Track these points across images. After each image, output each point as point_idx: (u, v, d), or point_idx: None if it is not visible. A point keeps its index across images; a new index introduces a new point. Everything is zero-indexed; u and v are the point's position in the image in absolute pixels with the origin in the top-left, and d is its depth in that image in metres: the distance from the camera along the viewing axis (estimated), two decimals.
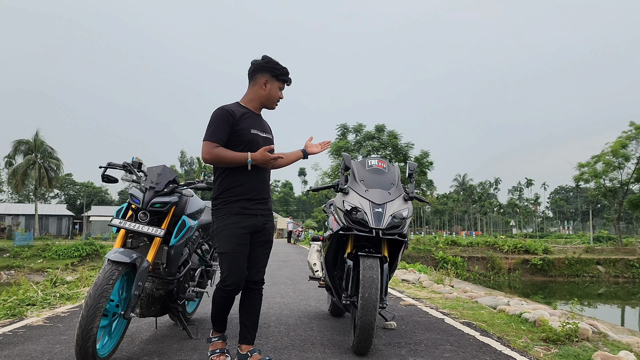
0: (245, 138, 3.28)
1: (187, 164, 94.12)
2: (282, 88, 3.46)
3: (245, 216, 3.25)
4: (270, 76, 3.38)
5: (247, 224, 3.25)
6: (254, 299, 3.39)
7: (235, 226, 3.22)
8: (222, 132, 3.22)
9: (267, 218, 3.42)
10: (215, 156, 3.18)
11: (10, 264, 30.27)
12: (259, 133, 3.37)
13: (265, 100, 3.43)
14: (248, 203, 3.27)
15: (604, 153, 37.12)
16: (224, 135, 3.22)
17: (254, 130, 3.33)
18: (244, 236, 3.24)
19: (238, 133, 3.26)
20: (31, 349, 3.77)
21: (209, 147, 3.19)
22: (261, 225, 3.36)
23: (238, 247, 3.21)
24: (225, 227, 3.23)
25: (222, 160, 3.20)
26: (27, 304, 5.83)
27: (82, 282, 8.28)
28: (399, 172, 4.12)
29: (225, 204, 3.27)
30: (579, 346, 4.10)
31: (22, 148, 47.80)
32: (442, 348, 3.95)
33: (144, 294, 3.63)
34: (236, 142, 3.26)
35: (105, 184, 76.28)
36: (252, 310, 3.39)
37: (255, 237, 3.34)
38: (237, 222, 3.22)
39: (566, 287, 27.20)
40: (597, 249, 36.37)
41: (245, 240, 3.25)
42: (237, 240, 3.21)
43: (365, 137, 33.98)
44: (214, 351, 3.36)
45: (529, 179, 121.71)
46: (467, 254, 32.41)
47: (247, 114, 3.36)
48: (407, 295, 7.31)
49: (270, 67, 3.37)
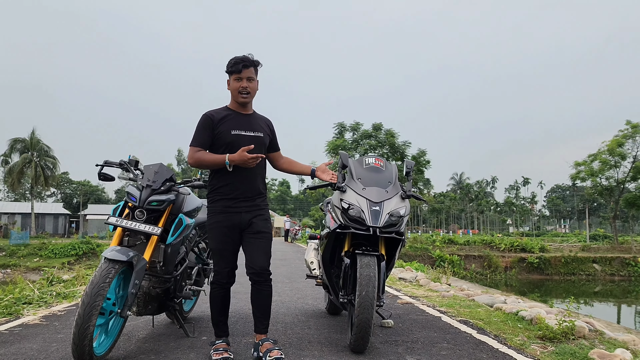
0: (224, 140, 3.44)
1: (184, 163, 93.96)
2: (239, 78, 3.48)
3: (228, 214, 3.43)
4: (228, 74, 3.52)
5: (229, 223, 3.42)
6: (262, 291, 3.49)
7: (219, 225, 3.43)
8: (203, 136, 3.43)
9: (255, 213, 3.49)
10: (196, 160, 3.41)
11: (6, 263, 30.17)
12: (242, 133, 3.48)
13: (233, 97, 3.56)
14: (231, 202, 3.44)
15: (600, 152, 37.25)
16: (205, 139, 3.44)
17: (235, 131, 3.46)
18: (227, 234, 3.43)
19: (218, 136, 3.45)
20: (27, 347, 3.76)
21: (192, 151, 3.43)
22: (247, 221, 3.46)
23: (222, 245, 3.44)
24: (211, 225, 3.47)
25: (202, 164, 3.41)
26: (24, 302, 5.82)
27: (78, 280, 8.27)
28: (396, 170, 4.12)
29: (212, 203, 3.49)
30: (576, 344, 4.11)
31: (18, 146, 47.64)
32: (439, 346, 3.96)
33: (140, 293, 3.62)
34: (217, 144, 3.46)
35: (101, 183, 76.18)
36: (261, 302, 3.50)
37: (246, 232, 3.48)
38: (220, 220, 3.43)
39: (562, 286, 27.30)
40: (594, 248, 36.52)
41: (229, 237, 3.43)
42: (221, 238, 3.44)
43: (362, 135, 34.03)
44: (217, 349, 3.40)
45: (525, 178, 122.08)
46: (464, 253, 32.49)
47: (229, 116, 3.51)
48: (404, 293, 7.32)
49: (226, 67, 3.51)
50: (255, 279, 3.46)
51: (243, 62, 3.45)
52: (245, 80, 3.47)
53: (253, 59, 3.50)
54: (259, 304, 3.50)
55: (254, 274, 3.44)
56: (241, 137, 3.45)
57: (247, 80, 3.48)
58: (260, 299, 3.49)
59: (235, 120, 3.50)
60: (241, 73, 3.46)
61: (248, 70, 3.47)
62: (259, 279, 3.45)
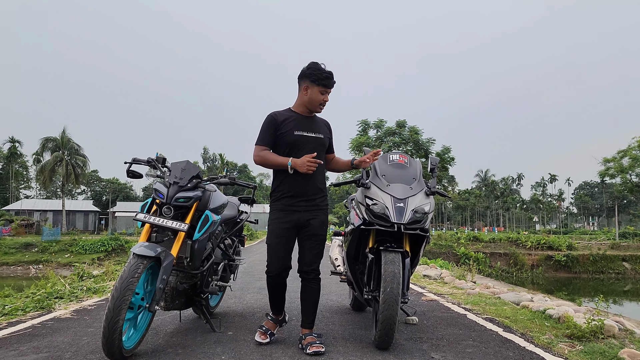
0: (287, 139, 3.60)
1: (210, 160, 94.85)
2: (325, 92, 3.62)
3: (288, 212, 3.60)
4: (310, 82, 3.60)
5: (288, 220, 3.59)
6: (309, 287, 3.71)
7: (278, 221, 3.61)
8: (267, 136, 3.61)
9: (313, 214, 3.68)
10: (261, 158, 3.60)
11: (38, 259, 31.01)
12: (304, 134, 3.64)
13: (308, 105, 3.68)
14: (291, 200, 3.61)
15: (630, 147, 36.29)
16: (269, 139, 3.61)
17: (297, 132, 3.61)
18: (285, 230, 3.60)
19: (282, 135, 3.60)
20: (59, 340, 3.86)
21: (257, 150, 3.60)
22: (305, 220, 3.64)
23: (278, 240, 3.60)
24: (272, 222, 3.65)
25: (266, 163, 3.59)
26: (55, 297, 5.97)
27: (108, 276, 8.44)
28: (420, 167, 4.10)
29: (274, 201, 3.67)
30: (605, 343, 4.03)
31: (49, 145, 48.79)
32: (465, 343, 3.93)
33: (168, 288, 3.69)
34: (280, 143, 3.63)
35: (130, 180, 77.46)
36: (307, 298, 3.71)
37: (302, 232, 3.67)
38: (280, 217, 3.62)
39: (591, 284, 26.74)
40: (623, 246, 35.66)
41: (286, 234, 3.61)
42: (278, 234, 3.62)
43: (386, 132, 33.82)
44: (262, 326, 3.79)
45: (552, 175, 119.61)
46: (489, 250, 32.11)
47: (292, 117, 3.66)
48: (429, 290, 7.28)
49: (309, 73, 3.59)
50: (305, 277, 3.68)
51: (333, 79, 3.59)
52: (327, 95, 3.64)
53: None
54: (306, 300, 3.71)
55: (304, 272, 3.66)
56: (303, 137, 3.62)
57: (328, 95, 3.64)
58: (308, 295, 3.70)
59: (298, 121, 3.65)
60: (328, 88, 3.61)
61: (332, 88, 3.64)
62: (308, 277, 3.68)
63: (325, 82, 3.58)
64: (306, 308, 3.71)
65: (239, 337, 3.97)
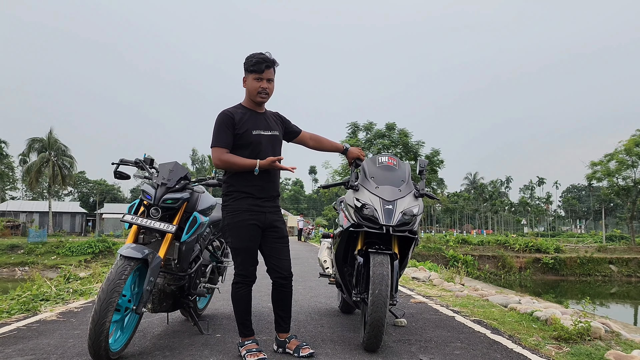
0: (247, 140, 3.43)
1: (199, 162, 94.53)
2: (259, 78, 3.44)
3: (254, 213, 3.42)
4: (245, 72, 3.48)
5: (256, 221, 3.42)
6: (284, 292, 3.59)
7: (245, 223, 3.40)
8: (226, 136, 3.41)
9: (277, 215, 3.57)
10: (225, 162, 3.37)
11: (24, 260, 30.63)
12: (262, 132, 3.50)
13: (250, 96, 3.54)
14: (257, 201, 3.44)
15: (617, 151, 36.76)
16: (229, 139, 3.40)
17: (255, 131, 3.47)
18: (255, 232, 3.43)
19: (240, 136, 3.42)
20: (45, 343, 3.82)
21: (219, 152, 3.38)
22: (270, 222, 3.50)
23: (249, 243, 3.42)
24: (237, 223, 3.40)
25: (232, 167, 3.38)
26: (41, 299, 5.91)
27: (95, 278, 8.37)
28: (409, 169, 4.11)
29: (235, 201, 3.43)
30: (592, 345, 4.07)
31: (36, 146, 48.31)
32: (453, 345, 3.94)
33: (155, 290, 3.66)
34: (240, 144, 3.43)
35: (117, 181, 76.87)
36: (284, 303, 3.58)
37: (269, 234, 3.51)
38: (246, 219, 3.40)
39: (578, 287, 26.98)
40: (610, 248, 36.05)
41: (255, 236, 3.44)
42: (248, 236, 3.41)
43: (375, 135, 33.96)
44: (250, 350, 3.38)
45: (540, 178, 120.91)
46: (477, 253, 32.26)
47: (247, 115, 3.50)
48: (418, 293, 7.30)
49: (244, 63, 3.47)
50: (282, 282, 3.54)
51: (265, 62, 3.41)
52: (266, 82, 3.46)
53: (273, 59, 3.47)
54: (283, 305, 3.59)
55: (281, 278, 3.53)
56: (262, 136, 3.48)
57: (267, 81, 3.47)
58: (286, 299, 3.58)
59: (253, 119, 3.50)
60: (262, 73, 3.44)
61: (269, 71, 3.46)
62: (285, 282, 3.54)
63: (255, 67, 3.39)
64: (284, 313, 3.59)
65: (227, 340, 3.95)
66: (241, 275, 3.45)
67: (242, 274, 3.45)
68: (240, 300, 3.47)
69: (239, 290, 3.46)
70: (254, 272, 3.49)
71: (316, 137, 3.96)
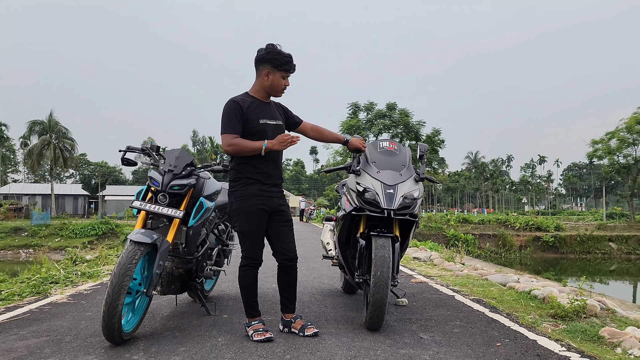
0: (255, 128, 3.51)
1: (200, 144, 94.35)
2: (286, 77, 3.57)
3: (262, 198, 3.53)
4: (272, 67, 3.51)
5: (263, 206, 3.52)
6: (290, 274, 3.71)
7: (253, 208, 3.50)
8: (236, 123, 3.46)
9: (282, 200, 3.69)
10: (235, 146, 3.43)
11: (28, 243, 30.92)
12: (267, 121, 3.58)
13: (269, 90, 3.61)
14: (264, 186, 3.54)
15: (618, 129, 36.67)
16: (239, 126, 3.46)
17: (262, 120, 3.55)
18: (264, 216, 3.54)
19: (248, 124, 3.49)
20: (58, 324, 3.94)
21: (229, 138, 3.43)
22: (276, 206, 3.62)
23: (258, 227, 3.54)
24: (246, 208, 3.50)
25: (242, 151, 3.45)
26: (51, 282, 6.03)
27: (101, 260, 8.51)
28: (410, 154, 4.20)
29: (243, 186, 3.53)
30: (587, 322, 4.19)
31: (36, 129, 48.26)
32: (452, 324, 4.07)
33: (164, 273, 3.78)
34: (247, 132, 3.50)
35: (119, 164, 76.71)
36: (289, 284, 3.72)
37: (275, 218, 3.62)
38: (255, 204, 3.50)
39: (578, 264, 27.21)
40: (610, 226, 36.22)
41: (263, 220, 3.55)
42: (257, 220, 3.52)
43: (376, 115, 33.88)
44: (257, 330, 3.51)
45: (541, 156, 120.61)
46: (478, 232, 32.46)
47: (255, 104, 3.56)
48: (418, 272, 7.43)
49: (270, 57, 3.49)
50: (288, 264, 3.66)
51: (293, 61, 3.53)
52: (288, 80, 3.59)
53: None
54: (289, 286, 3.72)
55: (287, 260, 3.65)
56: (268, 125, 3.57)
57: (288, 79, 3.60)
58: (292, 281, 3.71)
59: (260, 108, 3.58)
60: (290, 72, 3.57)
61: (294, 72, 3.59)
62: (291, 264, 3.67)
63: (287, 66, 3.51)
64: (290, 294, 3.72)
65: (234, 320, 4.08)
66: (249, 258, 3.56)
67: (250, 257, 3.56)
68: (248, 282, 3.59)
69: (247, 273, 3.58)
70: (261, 255, 3.61)
71: (317, 128, 4.02)
